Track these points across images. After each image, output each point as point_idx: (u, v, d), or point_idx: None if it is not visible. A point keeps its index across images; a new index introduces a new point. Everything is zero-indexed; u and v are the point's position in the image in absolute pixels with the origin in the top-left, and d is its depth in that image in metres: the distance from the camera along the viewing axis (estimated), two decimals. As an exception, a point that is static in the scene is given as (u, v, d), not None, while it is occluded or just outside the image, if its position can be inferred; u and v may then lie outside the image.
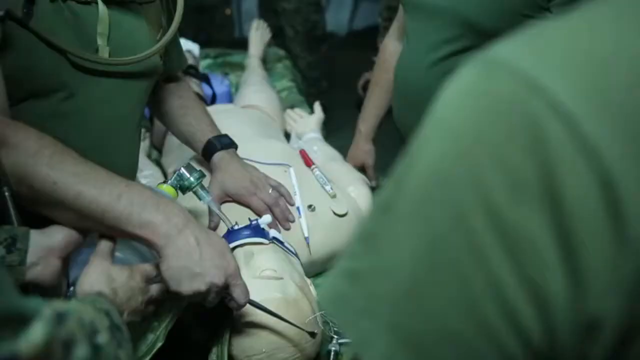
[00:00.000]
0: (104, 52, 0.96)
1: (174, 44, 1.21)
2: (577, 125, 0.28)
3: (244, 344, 0.95)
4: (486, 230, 0.29)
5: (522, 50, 0.31)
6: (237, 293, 0.87)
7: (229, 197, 1.17)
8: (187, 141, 1.25)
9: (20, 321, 0.40)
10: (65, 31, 0.91)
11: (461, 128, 0.31)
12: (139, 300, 0.80)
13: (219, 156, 1.18)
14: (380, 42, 2.35)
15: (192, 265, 0.82)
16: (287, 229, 1.15)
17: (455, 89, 0.32)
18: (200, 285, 0.82)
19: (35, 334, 0.40)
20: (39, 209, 0.82)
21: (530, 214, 0.28)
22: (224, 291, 0.86)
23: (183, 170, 1.04)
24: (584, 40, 0.30)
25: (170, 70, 1.20)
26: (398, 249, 0.32)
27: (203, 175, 1.05)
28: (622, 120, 0.28)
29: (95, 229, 0.83)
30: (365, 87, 2.36)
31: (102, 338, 0.56)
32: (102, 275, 0.77)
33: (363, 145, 1.61)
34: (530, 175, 0.28)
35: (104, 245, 0.82)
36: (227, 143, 1.21)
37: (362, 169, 1.61)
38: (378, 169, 1.62)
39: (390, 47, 1.49)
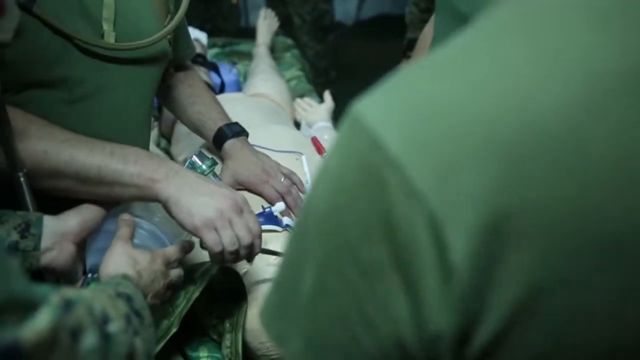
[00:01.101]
0: (110, 38, 0.95)
1: (183, 31, 1.20)
2: (406, 175, 0.32)
3: (258, 331, 0.95)
4: (349, 261, 0.34)
5: (371, 105, 0.35)
6: (252, 222, 0.86)
7: (240, 185, 1.16)
8: (197, 129, 1.24)
9: (27, 307, 0.39)
10: (70, 17, 0.90)
11: (331, 176, 0.36)
12: (161, 284, 0.80)
13: (230, 144, 1.18)
14: (412, 31, 2.23)
15: (197, 194, 0.83)
16: (299, 217, 1.15)
17: (335, 139, 0.37)
18: (209, 212, 0.82)
19: (41, 320, 0.40)
20: (37, 184, 0.82)
21: (377, 249, 0.33)
22: (237, 219, 0.84)
23: (195, 157, 1.03)
24: (417, 92, 0.35)
25: (178, 58, 1.19)
26: (298, 267, 0.38)
27: (215, 163, 1.05)
28: (442, 165, 0.32)
29: (98, 193, 0.84)
30: None
31: (114, 327, 0.55)
32: (126, 258, 0.77)
33: None
34: (375, 218, 0.33)
35: (124, 230, 0.82)
36: (238, 131, 1.20)
37: None
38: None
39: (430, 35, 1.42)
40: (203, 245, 0.85)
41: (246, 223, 0.85)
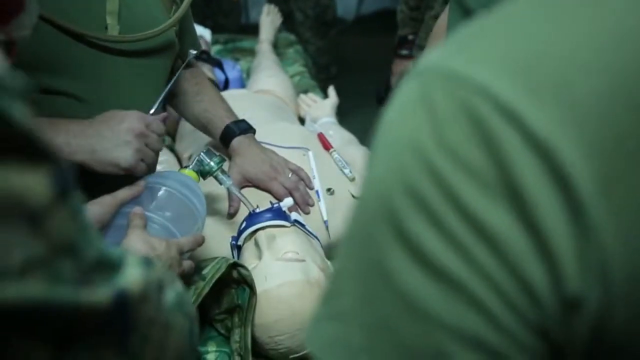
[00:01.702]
0: (114, 31, 0.95)
1: (188, 26, 1.19)
2: (525, 123, 0.28)
3: (267, 325, 0.96)
4: (464, 230, 0.30)
5: (458, 54, 0.32)
6: (156, 128, 0.95)
7: (248, 182, 1.17)
8: (203, 127, 1.24)
9: (112, 266, 0.40)
10: (72, 12, 0.90)
11: (417, 140, 0.31)
12: (176, 272, 0.82)
13: (237, 141, 1.18)
14: (402, 29, 2.25)
15: (110, 147, 0.89)
16: (307, 213, 1.16)
17: (401, 105, 0.32)
18: (130, 156, 0.90)
19: (134, 273, 0.41)
20: None
21: (498, 209, 0.29)
22: (150, 140, 0.93)
23: (203, 155, 1.04)
24: (517, 35, 0.31)
25: (184, 55, 1.19)
26: (380, 273, 0.32)
27: (223, 160, 1.05)
28: (568, 111, 0.28)
29: None
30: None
31: (179, 286, 0.55)
32: (144, 244, 0.79)
33: None
34: (491, 175, 0.29)
35: (139, 220, 0.83)
36: (245, 128, 1.20)
37: None
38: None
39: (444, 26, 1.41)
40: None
41: (155, 135, 0.94)
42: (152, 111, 0.99)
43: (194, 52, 1.14)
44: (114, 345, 0.39)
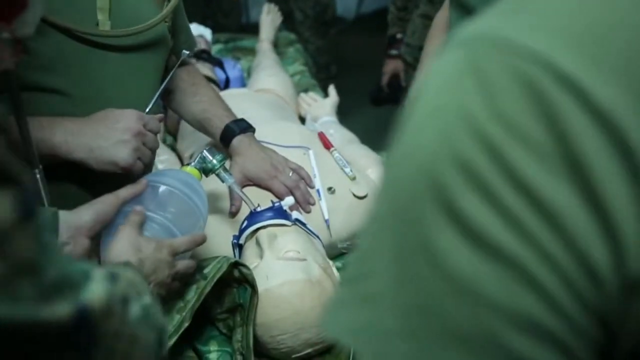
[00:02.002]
0: (105, 27, 0.95)
1: (182, 23, 1.19)
2: (588, 95, 0.27)
3: (268, 324, 0.96)
4: (520, 205, 0.28)
5: (508, 22, 0.30)
6: (152, 125, 0.95)
7: (249, 181, 1.17)
8: (202, 127, 1.24)
9: (76, 282, 0.41)
10: (62, 10, 0.90)
11: (467, 109, 0.29)
12: (165, 274, 0.81)
13: (238, 140, 1.18)
14: (391, 28, 2.28)
15: (108, 145, 0.90)
16: (308, 212, 1.16)
17: (445, 75, 0.31)
18: (128, 154, 0.91)
19: (97, 289, 0.42)
20: None
21: (557, 183, 0.28)
22: (147, 139, 0.95)
23: (206, 152, 1.04)
24: (571, 5, 0.30)
25: (178, 53, 1.18)
26: (414, 251, 0.30)
27: (225, 158, 1.06)
28: (633, 85, 0.27)
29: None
30: (390, 84, 2.31)
31: (147, 299, 0.56)
32: (129, 245, 0.79)
33: None
34: (550, 147, 0.28)
35: (136, 216, 0.83)
36: (245, 127, 1.20)
37: None
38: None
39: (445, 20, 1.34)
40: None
41: (151, 134, 0.95)
42: (147, 109, 0.99)
43: (187, 52, 1.14)
44: (78, 359, 0.40)
